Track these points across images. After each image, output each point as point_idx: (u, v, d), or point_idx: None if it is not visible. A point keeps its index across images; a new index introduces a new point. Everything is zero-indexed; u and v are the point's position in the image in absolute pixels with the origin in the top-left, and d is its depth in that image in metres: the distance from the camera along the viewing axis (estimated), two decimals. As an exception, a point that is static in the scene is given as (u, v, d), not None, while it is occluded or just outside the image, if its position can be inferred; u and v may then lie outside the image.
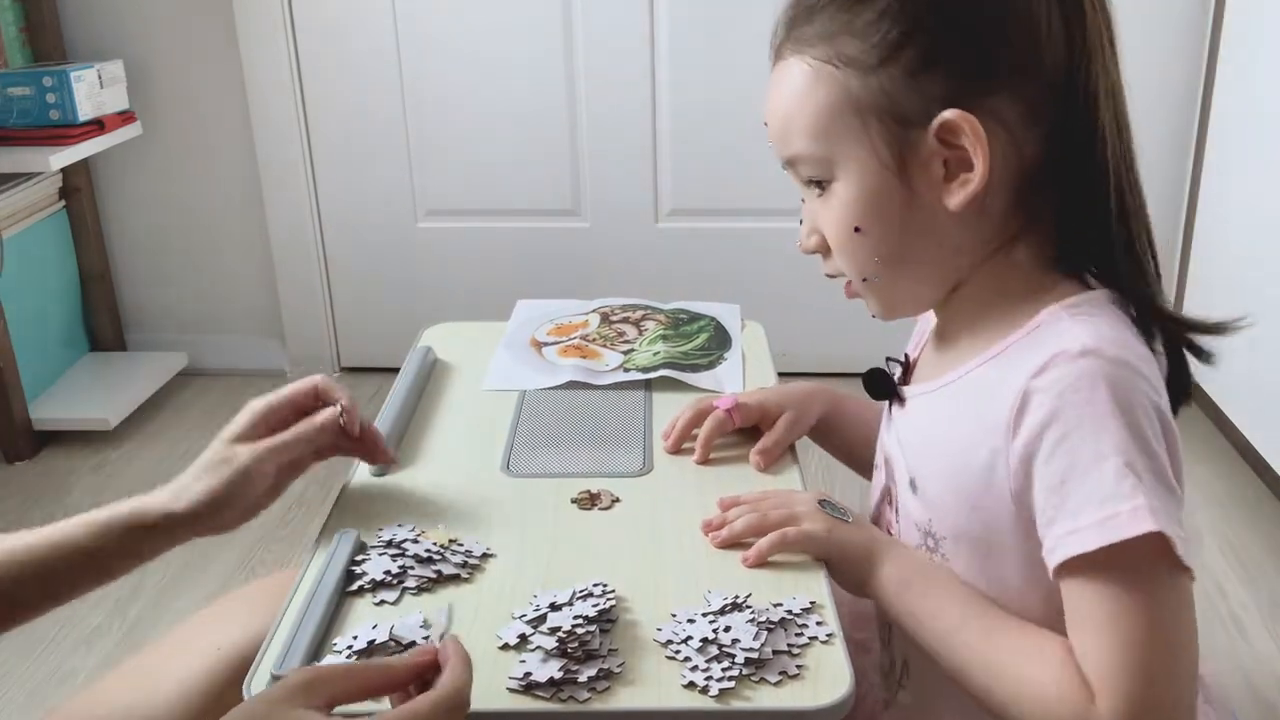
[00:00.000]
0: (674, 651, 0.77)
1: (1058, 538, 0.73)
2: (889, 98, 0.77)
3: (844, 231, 0.82)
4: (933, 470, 0.85)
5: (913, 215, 0.80)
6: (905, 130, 0.77)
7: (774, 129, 0.86)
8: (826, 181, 0.82)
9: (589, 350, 1.25)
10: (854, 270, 0.84)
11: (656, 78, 2.39)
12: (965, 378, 0.83)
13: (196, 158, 2.53)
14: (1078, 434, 0.72)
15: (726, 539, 0.88)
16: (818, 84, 0.81)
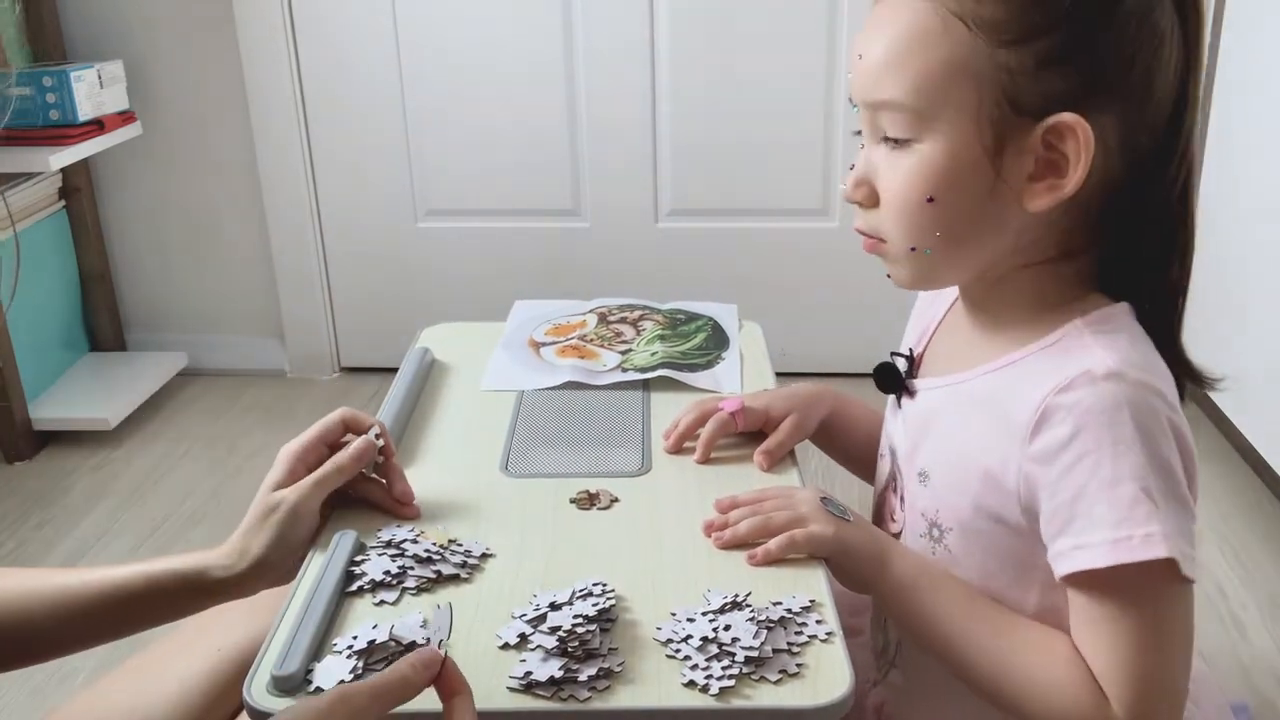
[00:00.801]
0: (674, 650, 0.77)
1: (1067, 549, 0.75)
2: (1012, 79, 0.74)
3: (914, 197, 0.78)
4: (943, 465, 0.86)
5: (989, 202, 0.77)
6: (1015, 116, 0.75)
7: (871, 65, 0.78)
8: (910, 140, 0.77)
9: (587, 350, 1.25)
10: (906, 236, 0.80)
11: (656, 78, 2.39)
12: (982, 378, 0.83)
13: (196, 158, 2.53)
14: (1096, 455, 0.74)
15: (730, 541, 0.88)
16: (944, 37, 0.74)
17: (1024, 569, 0.82)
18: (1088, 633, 0.77)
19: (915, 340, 0.97)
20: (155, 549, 1.93)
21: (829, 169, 2.43)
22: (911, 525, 0.89)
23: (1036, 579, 0.81)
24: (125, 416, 2.37)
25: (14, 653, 0.85)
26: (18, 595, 0.84)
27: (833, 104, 2.37)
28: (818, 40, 2.33)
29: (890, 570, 0.86)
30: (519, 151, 2.47)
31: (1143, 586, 0.74)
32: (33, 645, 0.85)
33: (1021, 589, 0.82)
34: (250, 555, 0.86)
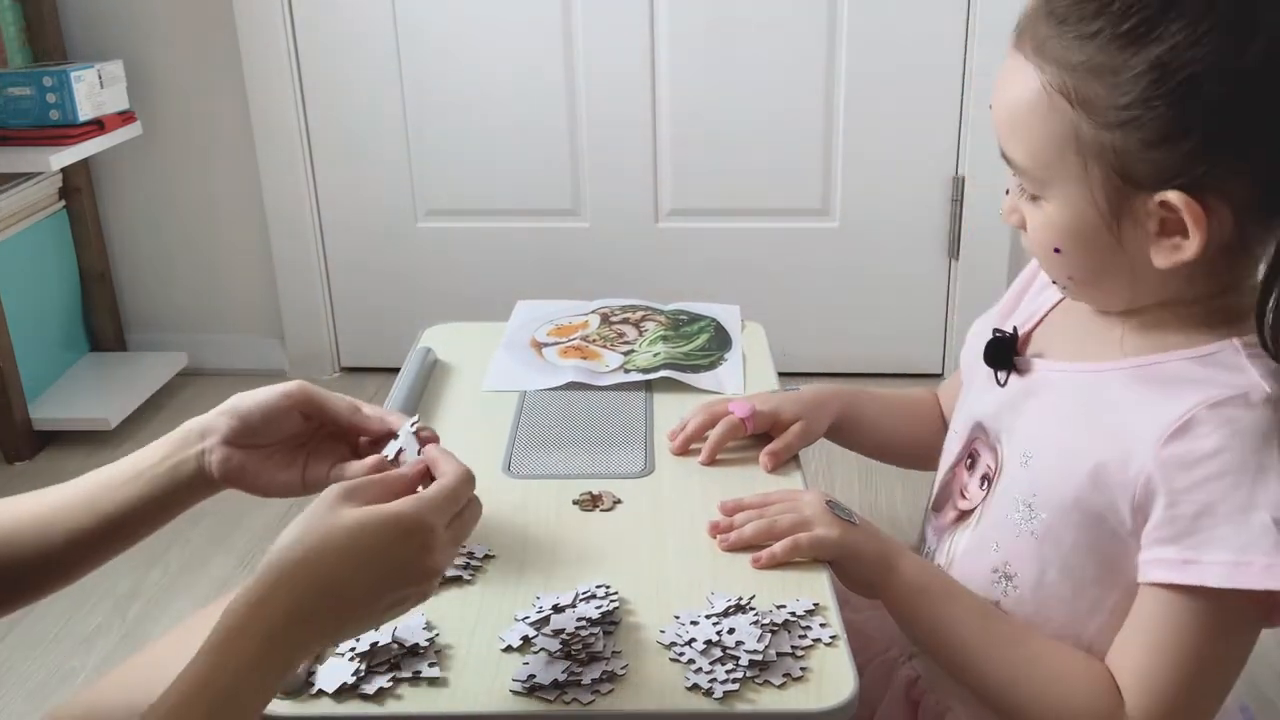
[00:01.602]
0: (677, 653, 0.77)
1: (1174, 559, 0.74)
2: (1119, 157, 0.74)
3: (1044, 245, 0.82)
4: (1052, 450, 0.84)
5: (1117, 256, 0.78)
6: (1128, 188, 0.75)
7: (997, 122, 0.81)
8: (1037, 196, 0.80)
9: (589, 351, 1.25)
10: (1049, 273, 0.85)
11: (657, 78, 2.39)
12: (1118, 372, 0.82)
13: (196, 158, 2.52)
14: (1236, 477, 0.73)
15: (735, 543, 0.88)
16: (1049, 112, 0.76)
17: (1110, 570, 0.80)
18: (1143, 644, 0.76)
19: (1023, 320, 0.94)
20: (154, 550, 1.93)
21: (829, 169, 2.43)
22: (997, 506, 0.87)
23: (1120, 582, 0.79)
24: (125, 416, 2.36)
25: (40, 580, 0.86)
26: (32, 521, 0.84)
27: (833, 104, 2.37)
28: (818, 40, 2.33)
29: (897, 574, 0.86)
30: (519, 151, 2.46)
31: (1232, 616, 0.74)
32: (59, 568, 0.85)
33: (1103, 588, 0.81)
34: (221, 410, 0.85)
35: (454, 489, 0.74)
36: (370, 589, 0.68)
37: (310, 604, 0.66)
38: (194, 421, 0.86)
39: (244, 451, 0.84)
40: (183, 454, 0.84)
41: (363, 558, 0.68)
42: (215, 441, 0.84)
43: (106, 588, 1.84)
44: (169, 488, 0.84)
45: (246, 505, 2.05)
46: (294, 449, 0.87)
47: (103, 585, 1.84)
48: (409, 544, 0.69)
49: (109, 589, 1.84)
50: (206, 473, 0.84)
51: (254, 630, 0.65)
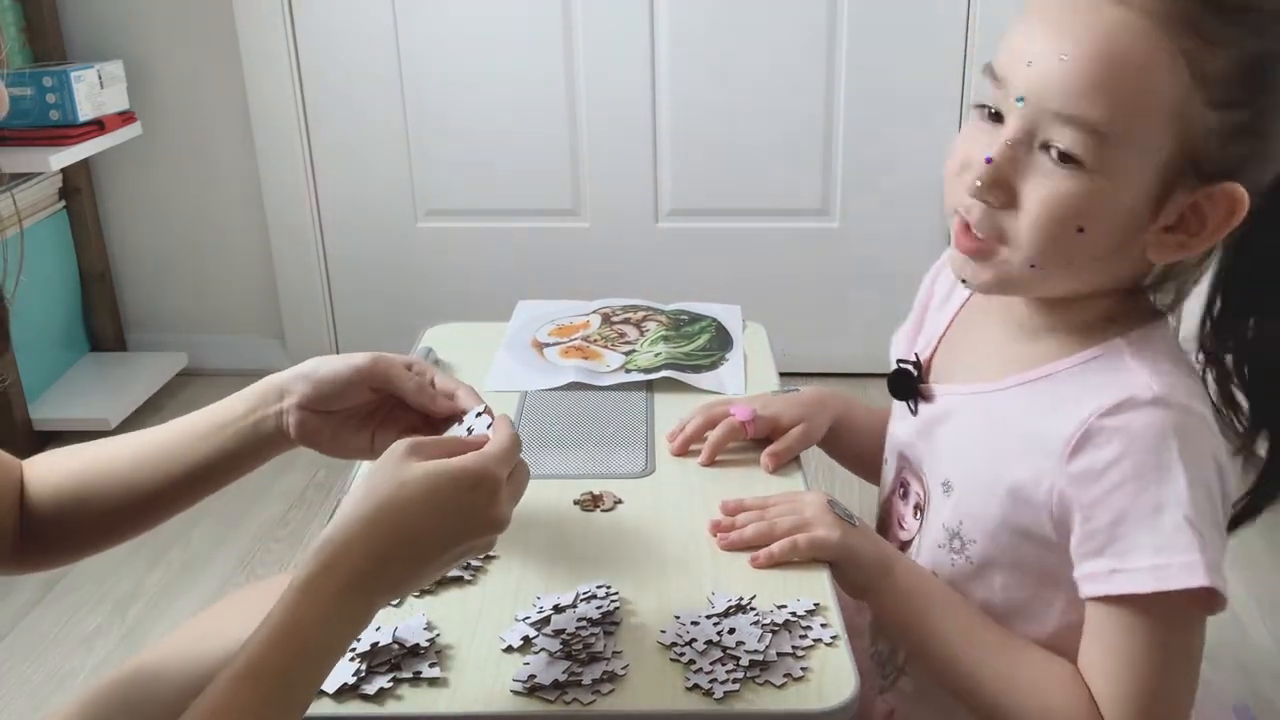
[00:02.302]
0: (678, 654, 0.77)
1: (1102, 571, 0.75)
2: (1205, 140, 0.72)
3: (1065, 222, 0.73)
4: (969, 475, 0.85)
5: (1126, 242, 0.76)
6: (1188, 174, 0.73)
7: (1076, 74, 0.71)
8: (1083, 165, 0.72)
9: (590, 351, 1.25)
10: (1035, 253, 0.75)
11: (657, 78, 2.39)
12: (1014, 390, 0.83)
13: (196, 158, 2.52)
14: (1140, 481, 0.74)
15: (735, 543, 0.88)
16: (1166, 76, 0.70)
17: (1049, 583, 0.82)
18: (1101, 653, 0.77)
19: (922, 345, 0.96)
20: (154, 550, 1.93)
21: (829, 169, 2.43)
22: (931, 535, 0.89)
23: (1061, 594, 0.81)
24: (125, 416, 2.36)
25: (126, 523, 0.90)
26: (126, 464, 0.88)
27: (833, 104, 2.37)
28: (818, 40, 2.33)
29: (893, 579, 0.86)
30: (519, 151, 2.46)
31: (1171, 614, 0.74)
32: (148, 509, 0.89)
33: (1044, 603, 0.82)
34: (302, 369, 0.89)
35: (510, 447, 0.76)
36: (442, 536, 0.72)
37: (386, 550, 0.69)
38: (274, 378, 0.89)
39: (319, 416, 0.88)
40: (264, 411, 0.88)
41: (435, 506, 0.71)
42: (292, 403, 0.87)
43: (106, 588, 1.84)
44: (252, 442, 0.88)
45: (246, 505, 2.05)
46: (366, 415, 0.90)
47: (103, 585, 1.84)
48: (477, 494, 0.73)
49: (109, 589, 1.84)
50: (284, 430, 0.88)
51: (336, 575, 0.68)
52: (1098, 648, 0.77)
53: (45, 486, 0.88)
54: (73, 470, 0.89)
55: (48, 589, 1.84)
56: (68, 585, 1.85)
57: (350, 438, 0.90)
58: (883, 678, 0.95)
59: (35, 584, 1.85)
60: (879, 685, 0.96)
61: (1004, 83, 0.76)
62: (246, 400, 0.89)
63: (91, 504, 0.87)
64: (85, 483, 0.88)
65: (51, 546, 0.90)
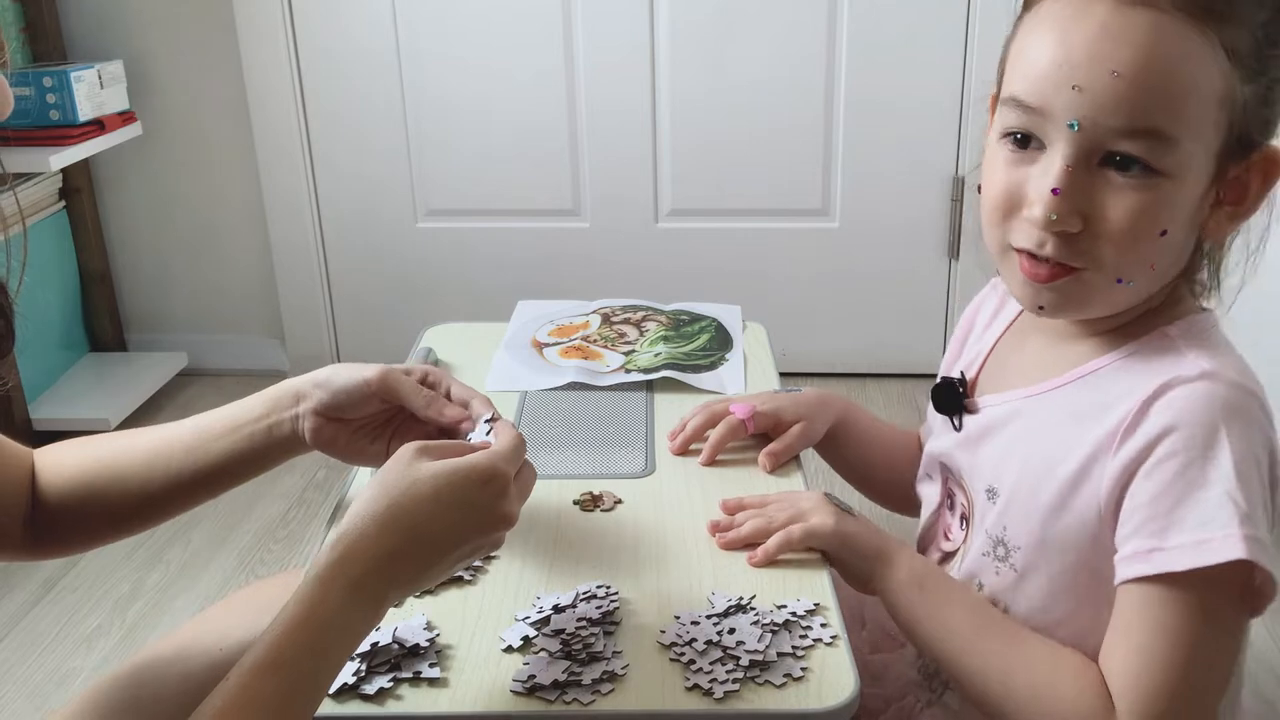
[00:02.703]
0: (678, 654, 0.77)
1: (1143, 550, 0.73)
2: (1246, 112, 0.72)
3: (1152, 231, 0.73)
4: (1013, 479, 0.84)
5: (1193, 232, 0.76)
6: (1237, 147, 0.73)
7: (1137, 88, 0.70)
8: (1155, 171, 0.72)
9: (590, 351, 1.25)
10: (1124, 268, 0.74)
11: (657, 78, 2.39)
12: (1060, 390, 0.82)
13: (196, 158, 2.52)
14: (1185, 455, 0.72)
15: (733, 541, 0.88)
16: (1212, 67, 0.70)
17: (1096, 585, 0.78)
18: (1126, 638, 0.74)
19: (967, 365, 0.95)
20: (153, 550, 1.93)
21: (829, 169, 2.43)
22: (976, 545, 0.87)
23: (1106, 608, 0.77)
24: (125, 416, 2.36)
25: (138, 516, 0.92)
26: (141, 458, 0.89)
27: (833, 104, 2.37)
28: (818, 40, 2.33)
29: (893, 568, 0.85)
30: (519, 151, 2.46)
31: (1208, 601, 0.72)
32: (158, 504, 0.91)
33: (1094, 607, 0.79)
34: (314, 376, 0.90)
35: (516, 446, 0.78)
36: (452, 532, 0.73)
37: (398, 545, 0.71)
38: (290, 383, 0.91)
39: (334, 423, 0.89)
40: (279, 415, 0.89)
41: (445, 502, 0.72)
42: (308, 409, 0.89)
43: (106, 588, 1.84)
44: (265, 445, 0.90)
45: (246, 506, 2.05)
46: (382, 424, 0.92)
47: (103, 585, 1.84)
48: (486, 490, 0.74)
49: (109, 589, 1.84)
50: (299, 435, 0.90)
51: (349, 569, 0.69)
52: (1124, 639, 0.74)
53: (58, 477, 0.90)
54: (87, 462, 0.90)
55: (48, 589, 1.84)
56: (68, 585, 1.85)
57: (366, 445, 0.91)
58: (930, 690, 0.94)
59: (35, 584, 1.85)
60: (926, 699, 0.94)
61: (1044, 110, 0.74)
62: (262, 403, 0.90)
63: (104, 497, 0.89)
64: (98, 475, 0.89)
65: (63, 536, 0.91)
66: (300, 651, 0.66)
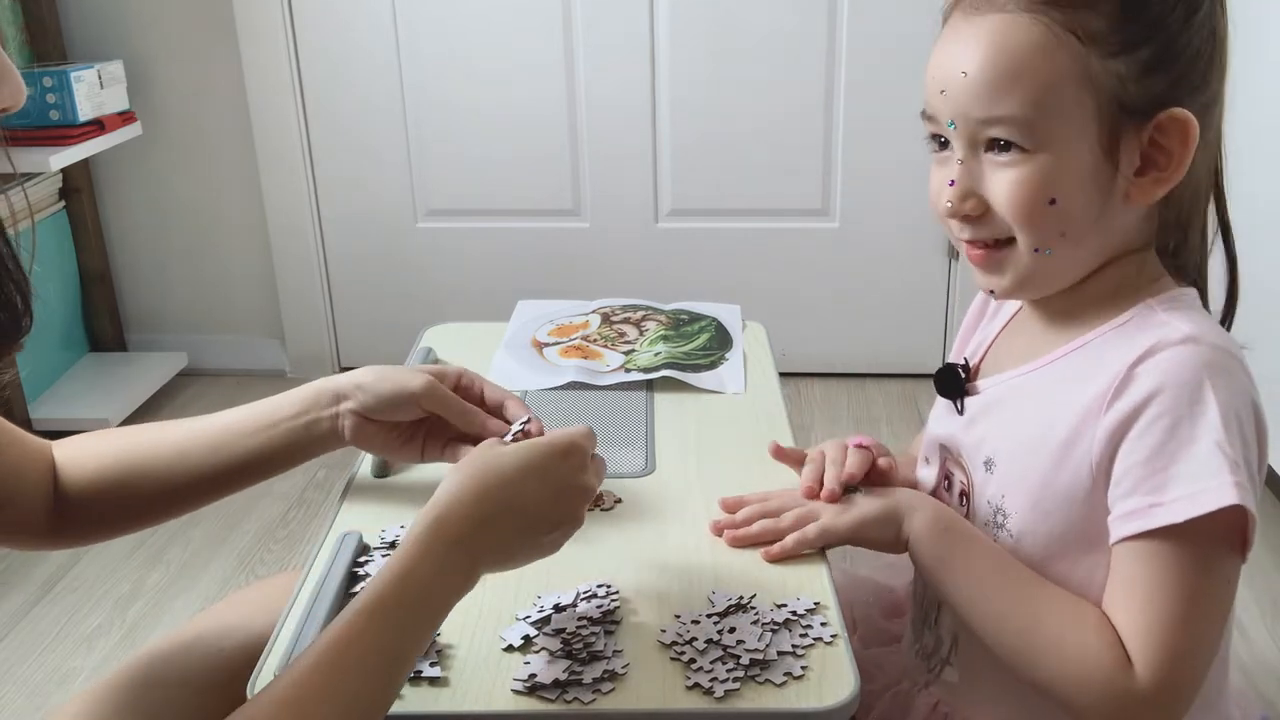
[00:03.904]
0: (678, 653, 0.77)
1: (1139, 508, 0.76)
2: (1122, 84, 0.77)
3: (1038, 201, 0.79)
4: (1010, 449, 0.87)
5: (1105, 199, 0.80)
6: (1126, 117, 0.78)
7: (978, 82, 0.79)
8: (1026, 149, 0.79)
9: (590, 351, 1.25)
10: (1032, 239, 0.81)
11: (656, 78, 2.39)
12: (1052, 364, 0.85)
13: (196, 158, 2.53)
14: (1173, 414, 0.76)
15: (741, 539, 0.89)
16: (1058, 51, 0.77)
17: (1091, 546, 0.82)
18: (1126, 590, 0.77)
19: (971, 352, 0.98)
20: (154, 550, 1.93)
21: (829, 169, 2.43)
22: (977, 518, 0.90)
23: (1103, 559, 0.81)
24: (125, 416, 2.36)
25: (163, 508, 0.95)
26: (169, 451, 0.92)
27: (832, 103, 2.37)
28: (818, 40, 2.33)
29: (913, 523, 0.87)
30: (519, 151, 2.46)
31: (1202, 551, 0.75)
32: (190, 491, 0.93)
33: (1088, 569, 0.82)
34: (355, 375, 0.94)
35: (590, 431, 0.82)
36: (538, 501, 0.77)
37: (490, 512, 0.75)
38: (330, 383, 0.94)
39: (374, 424, 0.93)
40: (318, 413, 0.93)
41: (531, 471, 0.77)
42: (349, 408, 0.93)
43: (106, 588, 1.84)
44: (301, 441, 0.93)
45: (246, 506, 2.05)
46: (416, 424, 0.96)
47: (103, 585, 1.84)
48: (568, 461, 0.78)
49: (109, 589, 1.84)
50: (339, 433, 0.93)
51: (444, 532, 0.73)
52: (1126, 597, 0.77)
53: (84, 468, 0.92)
54: (114, 454, 0.92)
55: (48, 589, 1.84)
56: (68, 585, 1.85)
57: (402, 445, 0.96)
58: (928, 671, 0.95)
59: (35, 584, 1.85)
60: (924, 680, 0.95)
61: (934, 116, 0.84)
62: (298, 401, 0.94)
63: (133, 487, 0.92)
64: (129, 466, 0.92)
65: (88, 525, 0.93)
66: (400, 600, 0.70)
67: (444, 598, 0.72)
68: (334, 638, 0.68)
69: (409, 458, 0.97)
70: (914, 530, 0.87)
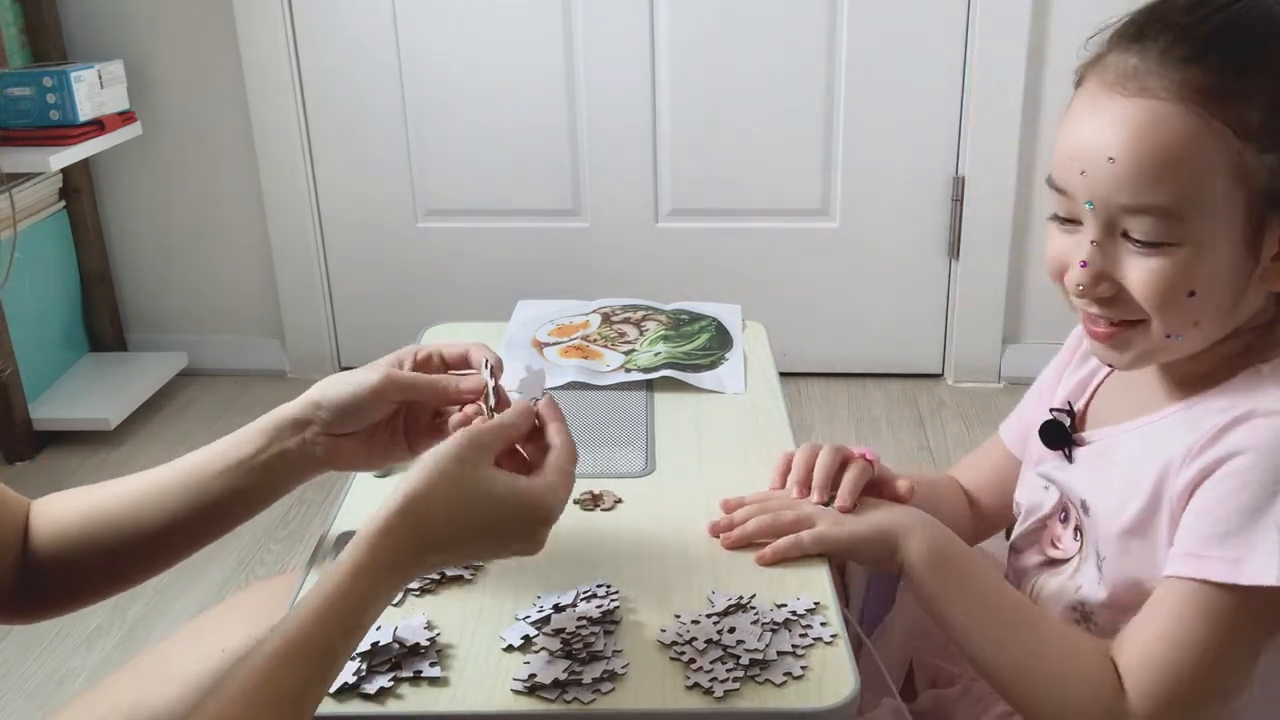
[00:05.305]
0: (678, 653, 0.77)
1: (1186, 553, 0.78)
2: (1270, 179, 0.76)
3: (1178, 293, 0.78)
4: (1106, 497, 0.87)
5: (1242, 287, 0.79)
6: (1270, 208, 0.77)
7: (1129, 172, 0.77)
8: (1168, 243, 0.77)
9: (590, 351, 1.25)
10: (1166, 327, 0.80)
11: (656, 78, 2.39)
12: (1157, 423, 0.85)
13: (196, 158, 2.53)
14: (1245, 478, 0.76)
15: (738, 540, 0.89)
16: (1213, 145, 0.75)
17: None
18: (1150, 624, 0.78)
19: (1073, 392, 0.96)
20: (156, 549, 1.93)
21: (829, 169, 2.43)
22: (1087, 557, 0.90)
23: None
24: (125, 416, 2.36)
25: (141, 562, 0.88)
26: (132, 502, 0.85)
27: (833, 104, 2.37)
28: (818, 40, 2.33)
29: (910, 546, 0.87)
30: (519, 151, 2.46)
31: (1239, 608, 0.75)
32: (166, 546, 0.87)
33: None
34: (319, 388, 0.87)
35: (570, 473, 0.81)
36: (489, 544, 0.77)
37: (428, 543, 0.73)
38: (283, 411, 0.87)
39: (349, 439, 0.87)
40: (280, 445, 0.86)
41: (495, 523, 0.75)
42: (317, 432, 0.86)
43: (107, 588, 1.84)
44: (267, 478, 0.86)
45: (247, 505, 2.05)
46: (392, 421, 0.90)
47: (103, 585, 1.84)
48: (536, 519, 0.77)
49: (109, 589, 1.83)
50: (312, 459, 0.87)
51: (380, 559, 0.70)
52: (1149, 618, 0.78)
53: (51, 525, 0.85)
54: (79, 510, 0.86)
55: (48, 589, 1.84)
56: (68, 585, 1.85)
57: (388, 447, 0.90)
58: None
59: (35, 584, 1.85)
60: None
61: (1067, 191, 0.81)
62: (256, 438, 0.86)
63: (97, 545, 0.85)
64: (90, 522, 0.85)
65: (54, 592, 0.86)
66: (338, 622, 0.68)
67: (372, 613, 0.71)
68: (252, 681, 0.65)
69: (400, 458, 0.91)
70: (910, 556, 0.87)
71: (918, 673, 1.02)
